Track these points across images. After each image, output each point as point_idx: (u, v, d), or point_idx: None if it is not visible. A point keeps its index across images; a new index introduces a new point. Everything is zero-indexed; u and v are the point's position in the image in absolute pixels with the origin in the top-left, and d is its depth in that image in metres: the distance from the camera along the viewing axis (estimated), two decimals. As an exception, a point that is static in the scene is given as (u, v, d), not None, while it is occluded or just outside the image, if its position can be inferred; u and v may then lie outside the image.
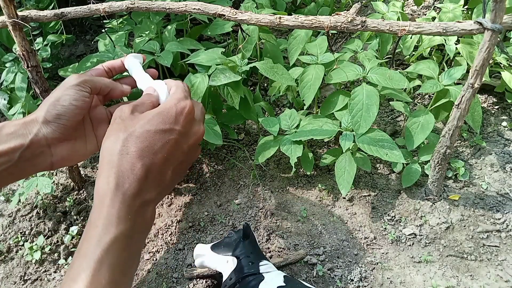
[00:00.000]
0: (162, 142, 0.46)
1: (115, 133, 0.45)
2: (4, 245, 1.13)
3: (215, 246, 0.95)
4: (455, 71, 1.06)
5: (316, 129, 1.06)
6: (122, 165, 0.43)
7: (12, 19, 0.89)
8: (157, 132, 0.45)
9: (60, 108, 0.51)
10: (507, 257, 0.98)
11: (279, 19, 0.91)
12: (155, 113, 0.47)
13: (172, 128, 0.47)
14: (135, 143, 0.44)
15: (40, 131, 0.50)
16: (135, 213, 0.43)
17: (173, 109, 0.47)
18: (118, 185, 0.42)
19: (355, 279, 0.96)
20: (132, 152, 0.44)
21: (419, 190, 1.13)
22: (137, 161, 0.43)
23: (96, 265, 0.38)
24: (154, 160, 0.45)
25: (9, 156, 0.48)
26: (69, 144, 0.54)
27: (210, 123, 1.07)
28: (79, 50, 1.79)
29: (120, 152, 0.43)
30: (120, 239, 0.40)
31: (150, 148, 0.45)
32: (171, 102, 0.49)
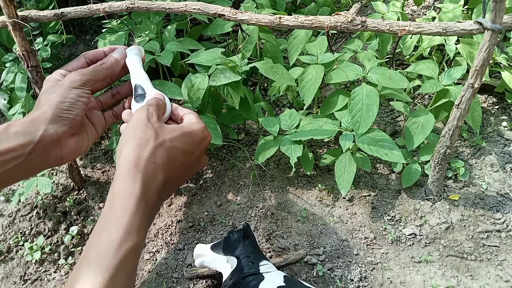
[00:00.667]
0: (181, 162, 0.48)
1: (145, 136, 0.45)
2: (4, 245, 1.13)
3: (215, 246, 0.95)
4: (455, 71, 1.06)
5: (316, 129, 1.06)
6: (148, 173, 0.43)
7: (12, 19, 0.89)
8: (182, 151, 0.48)
9: (69, 105, 0.53)
10: (507, 257, 0.98)
11: (279, 19, 0.91)
12: (185, 132, 0.49)
13: (193, 151, 0.49)
14: (163, 155, 0.45)
15: (50, 127, 0.52)
16: (149, 223, 0.44)
17: (200, 134, 0.50)
18: (144, 193, 0.42)
19: (355, 279, 0.96)
20: (158, 163, 0.45)
21: (419, 190, 1.13)
22: (160, 173, 0.45)
23: (115, 270, 0.37)
24: (171, 176, 0.47)
25: (19, 152, 0.49)
26: (76, 137, 0.55)
27: (210, 123, 1.06)
28: (79, 50, 1.79)
29: (148, 159, 0.44)
30: (138, 247, 0.40)
31: (172, 164, 0.46)
32: (198, 126, 0.51)
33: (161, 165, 0.45)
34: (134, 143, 0.45)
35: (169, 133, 0.47)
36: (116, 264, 0.38)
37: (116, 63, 0.62)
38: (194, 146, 0.49)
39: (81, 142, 0.57)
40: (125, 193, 0.42)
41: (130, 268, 0.39)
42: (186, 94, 1.05)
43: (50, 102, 0.53)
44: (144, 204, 0.42)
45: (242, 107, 1.10)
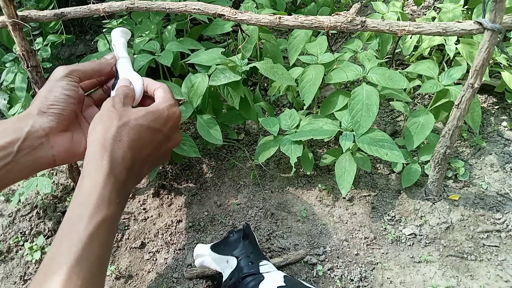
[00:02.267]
0: (149, 139, 0.49)
1: (109, 119, 0.48)
2: (4, 245, 1.13)
3: (215, 246, 0.95)
4: (455, 71, 1.06)
5: (316, 129, 1.06)
6: (115, 151, 0.45)
7: (12, 19, 0.89)
8: (149, 128, 0.49)
9: (53, 99, 0.53)
10: (507, 257, 0.98)
11: (279, 19, 0.91)
12: (149, 111, 0.50)
13: (161, 129, 0.50)
14: (129, 133, 0.47)
15: (36, 123, 0.51)
16: (121, 199, 0.45)
17: (166, 112, 0.51)
18: (111, 170, 0.44)
19: (355, 279, 0.96)
20: (124, 141, 0.46)
21: (419, 190, 1.13)
22: (128, 151, 0.46)
23: (88, 240, 0.40)
24: (140, 154, 0.48)
25: (8, 150, 0.48)
26: (67, 135, 0.54)
27: (210, 123, 1.07)
28: (79, 50, 1.79)
29: (114, 137, 0.46)
30: (109, 220, 0.42)
31: (140, 142, 0.48)
32: (164, 105, 0.52)
33: (127, 142, 0.46)
34: (100, 127, 0.47)
35: (133, 114, 0.49)
36: (88, 234, 0.40)
37: (105, 61, 0.62)
38: (161, 123, 0.50)
39: (77, 141, 0.55)
40: (94, 171, 0.44)
41: (102, 238, 0.41)
42: (186, 94, 1.05)
43: (36, 98, 0.53)
44: (113, 179, 0.44)
45: (242, 107, 1.10)
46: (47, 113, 0.52)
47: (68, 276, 0.37)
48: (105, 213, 0.42)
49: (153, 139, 0.49)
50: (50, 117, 0.52)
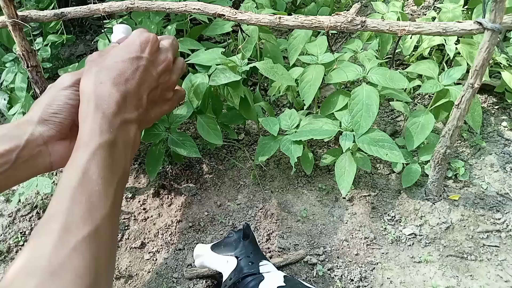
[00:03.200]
0: (131, 69, 0.50)
1: (87, 72, 0.50)
2: (4, 245, 1.13)
3: (215, 246, 0.95)
4: (455, 71, 1.06)
5: (316, 129, 1.06)
6: (98, 92, 0.47)
7: (12, 19, 0.89)
8: (125, 61, 0.50)
9: (56, 107, 0.52)
10: (507, 257, 0.98)
11: (279, 19, 0.92)
12: (121, 47, 0.52)
13: (139, 56, 0.51)
14: (107, 74, 0.49)
15: (35, 130, 0.51)
16: (117, 129, 0.47)
17: (137, 40, 0.52)
18: (97, 106, 0.46)
19: (355, 279, 0.96)
20: (105, 81, 0.48)
21: (419, 190, 1.13)
22: (112, 88, 0.48)
23: (86, 164, 0.42)
24: (127, 86, 0.49)
25: (6, 158, 0.48)
26: (65, 142, 0.54)
27: (210, 123, 1.07)
28: (79, 50, 1.79)
29: (94, 82, 0.48)
30: (104, 146, 0.45)
31: (121, 76, 0.49)
32: (133, 35, 0.54)
33: (109, 81, 0.48)
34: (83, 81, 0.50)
35: (107, 57, 0.51)
36: (85, 159, 0.43)
37: None
38: (136, 51, 0.51)
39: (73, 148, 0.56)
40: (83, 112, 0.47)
41: (100, 161, 0.43)
42: (186, 94, 1.05)
43: (38, 105, 0.53)
44: (101, 114, 0.46)
45: (242, 107, 1.10)
46: (48, 121, 0.52)
47: (71, 196, 0.40)
48: (98, 140, 0.44)
49: (136, 67, 0.51)
50: (51, 125, 0.52)
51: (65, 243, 0.37)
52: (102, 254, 0.40)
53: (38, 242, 0.37)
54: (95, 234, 0.39)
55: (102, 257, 0.40)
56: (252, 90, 1.51)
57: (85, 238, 0.38)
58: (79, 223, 0.39)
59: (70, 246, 0.37)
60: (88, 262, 0.37)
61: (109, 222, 0.42)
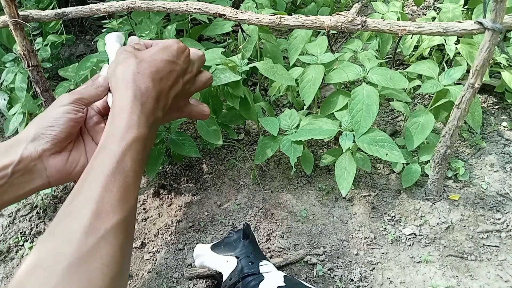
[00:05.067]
0: (167, 71, 0.52)
1: (125, 60, 0.51)
2: (4, 245, 1.13)
3: (215, 246, 0.95)
4: (455, 71, 1.06)
5: (316, 129, 1.06)
6: (137, 83, 0.48)
7: (14, 19, 0.89)
8: (163, 61, 0.52)
9: (53, 121, 0.53)
10: (507, 257, 0.98)
11: (280, 19, 0.92)
12: (160, 47, 0.54)
13: (175, 61, 0.53)
14: (147, 67, 0.50)
15: (30, 145, 0.51)
16: (150, 126, 0.48)
17: (176, 45, 0.54)
18: (136, 97, 0.47)
19: (355, 279, 0.96)
20: (145, 74, 0.49)
21: (419, 190, 1.13)
22: (149, 82, 0.49)
23: (121, 155, 0.43)
24: (162, 85, 0.51)
25: (2, 173, 0.48)
26: (63, 156, 0.54)
27: (210, 123, 1.07)
28: (79, 50, 1.79)
29: (134, 72, 0.49)
30: (140, 139, 0.46)
31: (159, 73, 0.51)
32: (172, 40, 0.55)
33: (148, 74, 0.49)
34: (119, 67, 0.50)
35: (147, 52, 0.52)
36: (121, 150, 0.43)
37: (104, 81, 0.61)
38: (173, 56, 0.53)
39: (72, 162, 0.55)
40: (121, 102, 0.47)
41: (135, 155, 0.45)
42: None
43: (35, 121, 0.54)
44: (139, 106, 0.47)
45: (242, 107, 1.10)
46: (44, 135, 0.52)
47: (104, 184, 0.41)
48: (136, 133, 0.45)
49: (171, 70, 0.53)
50: (47, 139, 0.52)
51: (95, 230, 0.38)
52: (128, 244, 0.41)
53: (68, 226, 0.38)
54: (124, 223, 0.40)
55: (127, 248, 0.41)
56: (252, 90, 1.51)
57: (114, 227, 0.39)
58: (109, 212, 0.39)
59: (100, 234, 0.38)
60: (115, 251, 0.38)
61: (134, 214, 0.44)
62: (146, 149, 0.48)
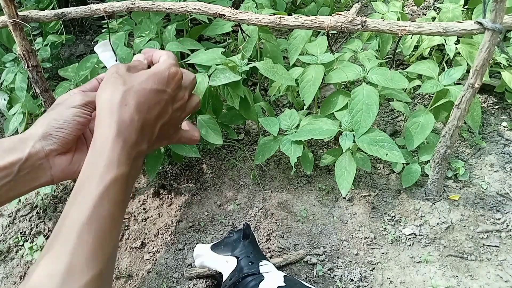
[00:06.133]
0: (155, 101, 0.50)
1: (113, 86, 0.49)
2: (4, 245, 1.13)
3: (215, 246, 0.95)
4: (455, 71, 1.06)
5: (316, 129, 1.06)
6: (122, 115, 0.47)
7: (13, 19, 0.89)
8: (152, 91, 0.50)
9: (62, 123, 0.53)
10: (507, 257, 0.98)
11: (280, 19, 0.92)
12: (150, 73, 0.51)
13: (164, 89, 0.51)
14: (134, 97, 0.48)
15: (38, 144, 0.51)
16: (132, 160, 0.47)
17: (166, 72, 0.52)
18: (120, 132, 0.46)
19: (355, 279, 0.96)
20: (131, 105, 0.48)
21: (419, 190, 1.13)
22: (135, 114, 0.48)
23: (98, 199, 0.41)
24: (148, 116, 0.49)
25: (8, 170, 0.48)
26: (67, 156, 0.54)
27: (210, 123, 1.07)
28: (79, 50, 1.79)
29: (120, 103, 0.47)
30: (120, 179, 0.44)
31: (146, 104, 0.49)
32: (164, 66, 0.53)
33: (134, 106, 0.48)
34: (106, 93, 0.49)
35: (136, 78, 0.50)
36: (98, 193, 0.41)
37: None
38: (163, 84, 0.51)
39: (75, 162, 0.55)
40: (103, 135, 0.46)
41: (114, 197, 0.43)
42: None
43: (44, 119, 0.53)
44: (121, 142, 0.45)
45: (242, 107, 1.10)
46: (52, 135, 0.52)
47: (79, 234, 0.39)
48: (115, 173, 0.43)
49: (159, 100, 0.51)
50: (55, 140, 0.53)
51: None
52: None
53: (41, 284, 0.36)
54: (98, 278, 0.39)
55: None
56: (252, 90, 1.51)
57: (88, 283, 0.38)
58: (83, 267, 0.38)
59: None
60: None
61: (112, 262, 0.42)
62: (127, 187, 0.46)
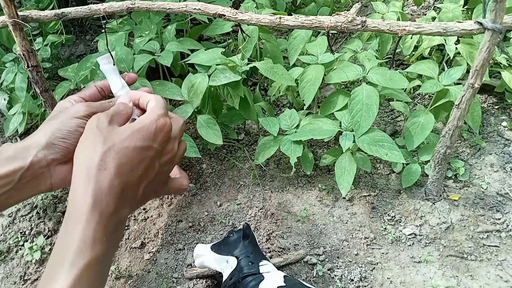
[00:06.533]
0: (139, 159, 0.46)
1: (92, 145, 0.45)
2: (4, 245, 1.13)
3: (215, 246, 0.95)
4: (455, 71, 1.06)
5: (316, 129, 1.06)
6: (100, 182, 0.42)
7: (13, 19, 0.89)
8: (136, 149, 0.46)
9: (66, 133, 0.52)
10: (507, 257, 0.98)
11: (280, 19, 0.92)
12: (135, 129, 0.47)
13: (150, 145, 0.47)
14: (114, 159, 0.44)
15: (41, 153, 0.50)
16: (110, 233, 0.43)
17: (153, 125, 0.48)
18: (96, 203, 0.41)
19: (355, 279, 0.96)
20: (110, 168, 0.43)
21: (419, 190, 1.13)
22: (115, 178, 0.43)
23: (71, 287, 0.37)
24: (130, 178, 0.45)
25: (9, 178, 0.48)
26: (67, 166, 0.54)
27: (210, 123, 1.07)
28: (79, 50, 1.79)
29: (98, 167, 0.43)
30: (94, 263, 0.40)
31: (128, 165, 0.45)
32: (151, 118, 0.48)
33: (114, 169, 0.43)
34: (83, 154, 0.44)
35: (118, 135, 0.46)
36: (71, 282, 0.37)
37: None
38: (149, 139, 0.47)
39: None
40: (76, 208, 0.41)
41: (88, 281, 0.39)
42: (186, 94, 1.05)
43: (47, 128, 0.53)
44: (97, 216, 0.41)
45: (242, 107, 1.10)
46: (55, 145, 0.51)
47: None
48: (89, 257, 0.39)
49: (143, 158, 0.46)
50: (57, 149, 0.52)
51: None
52: None
53: None
54: None
55: None
56: (252, 90, 1.51)
57: None
58: None
59: None
60: None
61: None
62: (104, 267, 0.42)
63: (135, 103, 0.55)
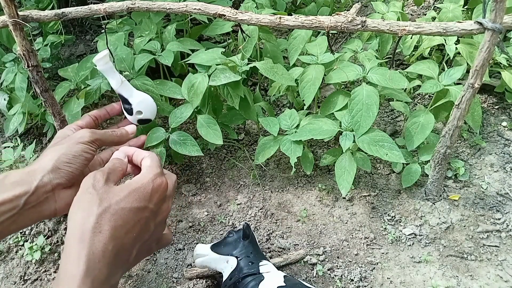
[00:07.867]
0: (134, 221, 0.45)
1: (88, 205, 0.44)
2: (4, 245, 1.13)
3: (215, 246, 0.95)
4: (455, 71, 1.06)
5: (316, 129, 1.06)
6: (94, 246, 0.41)
7: (13, 19, 0.89)
8: (132, 210, 0.45)
9: (72, 158, 0.53)
10: (507, 257, 0.98)
11: (280, 19, 0.92)
12: (132, 189, 0.46)
13: (146, 206, 0.46)
14: (110, 221, 0.43)
15: (45, 177, 0.51)
16: None
17: (150, 185, 0.47)
18: (88, 270, 0.40)
19: (355, 279, 0.96)
20: (105, 231, 0.42)
21: (419, 190, 1.13)
22: (109, 242, 0.42)
23: None
24: (124, 240, 0.44)
25: (14, 203, 0.48)
26: (72, 190, 0.54)
27: (210, 123, 1.07)
28: (79, 50, 1.79)
29: (93, 229, 0.42)
30: None
31: (123, 227, 0.44)
32: (147, 178, 0.48)
33: (109, 232, 0.42)
34: (78, 216, 0.43)
35: (115, 196, 0.45)
36: None
37: (126, 136, 0.65)
38: (145, 200, 0.46)
39: None
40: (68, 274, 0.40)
41: None
42: (186, 94, 1.05)
43: (53, 153, 0.53)
44: (89, 283, 0.40)
45: (242, 107, 1.10)
46: (61, 170, 0.52)
47: None
48: None
49: (139, 219, 0.45)
50: (62, 174, 0.52)
51: None
52: None
53: None
54: None
55: None
56: (252, 90, 1.51)
57: None
58: None
59: None
60: None
61: None
62: None
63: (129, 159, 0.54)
